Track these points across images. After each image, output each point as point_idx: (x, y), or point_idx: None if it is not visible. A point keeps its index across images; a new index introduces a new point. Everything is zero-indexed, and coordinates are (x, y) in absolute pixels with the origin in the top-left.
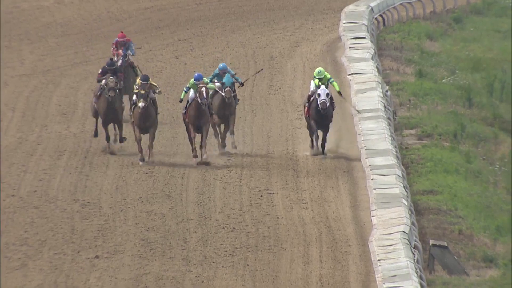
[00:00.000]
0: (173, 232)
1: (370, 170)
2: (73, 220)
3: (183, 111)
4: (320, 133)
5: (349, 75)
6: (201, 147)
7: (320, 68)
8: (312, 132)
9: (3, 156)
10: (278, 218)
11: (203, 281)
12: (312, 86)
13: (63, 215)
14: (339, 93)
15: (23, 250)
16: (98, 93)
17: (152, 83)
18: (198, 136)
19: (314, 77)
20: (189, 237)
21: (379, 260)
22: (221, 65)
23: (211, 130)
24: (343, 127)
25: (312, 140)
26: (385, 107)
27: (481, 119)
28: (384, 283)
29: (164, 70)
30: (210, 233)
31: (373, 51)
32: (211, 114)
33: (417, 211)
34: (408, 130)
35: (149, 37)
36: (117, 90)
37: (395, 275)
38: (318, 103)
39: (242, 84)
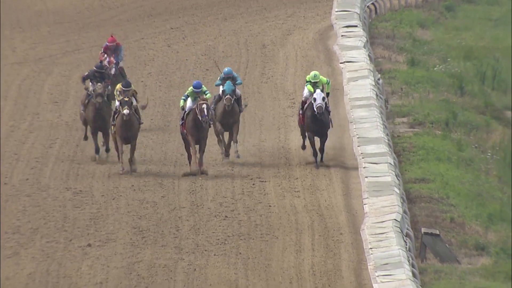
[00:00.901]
0: (165, 220)
1: (362, 158)
2: (65, 208)
3: (180, 122)
4: (317, 140)
5: (341, 63)
6: (199, 163)
7: (316, 72)
8: (311, 143)
9: None
10: (270, 206)
11: (195, 269)
12: (306, 92)
13: (55, 203)
14: (327, 94)
15: (15, 238)
16: (86, 101)
17: (134, 89)
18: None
19: (308, 81)
20: (181, 225)
21: (371, 248)
22: (226, 70)
23: (210, 140)
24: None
25: (304, 142)
26: (377, 95)
27: (473, 107)
28: (376, 271)
29: (156, 58)
30: (202, 221)
31: (365, 39)
32: (214, 123)
33: (409, 199)
34: (400, 118)
35: (141, 25)
36: (105, 97)
37: (387, 263)
38: (314, 107)
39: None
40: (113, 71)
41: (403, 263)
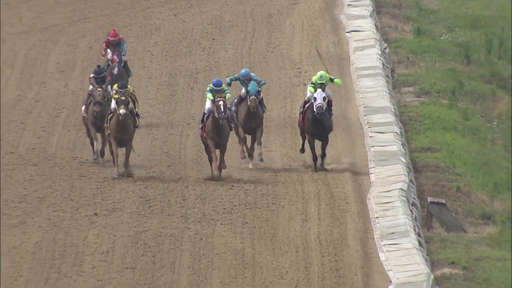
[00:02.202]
0: (171, 189)
1: (368, 127)
2: (71, 178)
3: (200, 126)
4: (318, 144)
5: (347, 32)
6: (219, 167)
7: (322, 72)
8: (311, 146)
9: (2, 113)
10: (276, 175)
11: (201, 238)
12: (308, 93)
13: (62, 173)
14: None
15: (22, 207)
16: (88, 102)
17: (131, 90)
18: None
19: (313, 83)
20: (188, 194)
21: (377, 217)
22: (243, 71)
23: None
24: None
25: (303, 144)
26: (383, 64)
27: (479, 76)
28: (382, 240)
29: (163, 27)
30: (209, 190)
31: (372, 8)
32: (231, 127)
33: (415, 168)
34: (407, 87)
35: None
36: (104, 104)
37: (393, 232)
38: (314, 107)
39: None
40: (115, 70)
41: (409, 232)
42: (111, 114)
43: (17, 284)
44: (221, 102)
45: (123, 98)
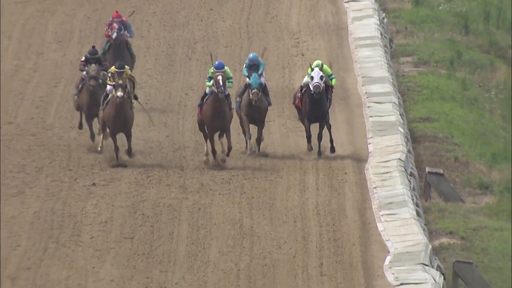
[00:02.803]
0: (169, 159)
1: (367, 97)
2: (70, 148)
3: (198, 103)
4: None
5: (345, 2)
6: (222, 151)
7: (319, 61)
8: (307, 129)
9: (1, 83)
10: (274, 145)
11: (199, 208)
12: (305, 80)
13: (60, 143)
14: (332, 86)
15: (21, 177)
16: (80, 86)
17: (129, 72)
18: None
19: (310, 74)
20: (186, 164)
21: (375, 187)
22: (251, 55)
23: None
24: (339, 55)
25: (308, 136)
26: (381, 34)
27: (477, 46)
28: (380, 210)
29: None
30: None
31: None
32: (231, 108)
33: (413, 138)
34: (405, 57)
35: None
36: (99, 80)
37: (391, 202)
38: (311, 86)
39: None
40: (114, 35)
41: (407, 202)
42: (108, 99)
43: (15, 254)
44: (220, 77)
45: (120, 82)
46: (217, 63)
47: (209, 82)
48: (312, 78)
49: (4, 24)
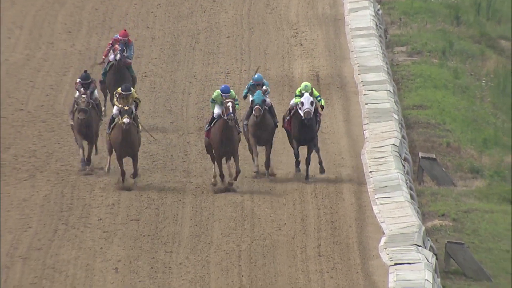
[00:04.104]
0: (174, 145)
1: (363, 85)
2: None
3: (206, 127)
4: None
5: None
6: (230, 174)
7: (307, 83)
8: (295, 152)
9: (12, 72)
10: (275, 131)
11: (203, 191)
12: (292, 101)
13: (69, 129)
14: (322, 107)
15: (32, 161)
16: (74, 109)
17: (135, 95)
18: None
19: (298, 95)
20: (190, 150)
21: (370, 171)
22: (256, 76)
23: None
24: (336, 45)
25: (297, 161)
26: (377, 25)
27: (468, 36)
28: (375, 194)
29: None
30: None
31: None
32: (239, 132)
33: (407, 125)
34: (399, 47)
35: None
36: (88, 111)
37: (386, 186)
38: (301, 112)
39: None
40: (118, 56)
41: (402, 186)
42: (114, 123)
43: (27, 235)
44: (229, 104)
45: (126, 108)
46: (223, 86)
47: (213, 104)
48: (302, 104)
49: (16, 15)
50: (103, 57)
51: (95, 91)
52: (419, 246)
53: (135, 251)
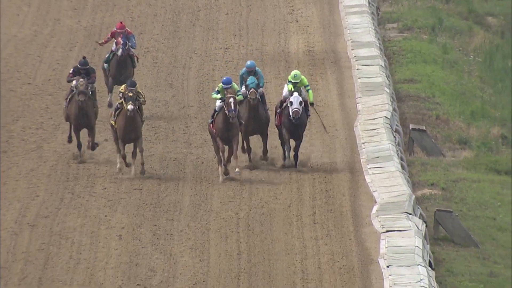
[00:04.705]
0: (175, 117)
1: (356, 60)
2: None
3: (210, 120)
4: (292, 142)
5: None
6: (228, 160)
7: (297, 71)
8: (284, 142)
9: (20, 47)
10: (271, 104)
11: (202, 162)
12: (285, 91)
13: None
14: (311, 104)
15: (39, 133)
16: (70, 97)
17: (139, 90)
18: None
19: (289, 81)
20: (190, 122)
21: (363, 143)
22: (248, 63)
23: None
24: (331, 22)
25: (284, 151)
26: (369, 2)
27: (457, 13)
28: (368, 164)
29: None
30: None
31: None
32: (241, 123)
33: (398, 98)
34: (391, 24)
35: None
36: (88, 94)
37: (378, 157)
38: (290, 112)
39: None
40: (119, 52)
41: (393, 157)
42: (118, 110)
43: (34, 203)
44: (231, 100)
45: (130, 94)
46: (224, 78)
47: (217, 95)
48: (291, 103)
49: None
50: (103, 41)
51: (94, 83)
52: (410, 214)
53: (138, 219)
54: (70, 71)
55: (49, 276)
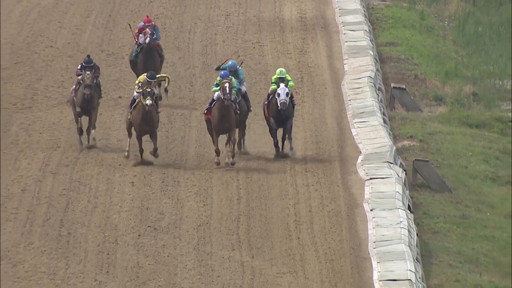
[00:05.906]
0: (181, 77)
1: (343, 26)
2: (100, 66)
3: (206, 107)
4: (280, 133)
5: None
6: (227, 145)
7: (282, 69)
8: (273, 134)
9: (43, 14)
10: (267, 65)
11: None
12: (270, 90)
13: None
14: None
15: (60, 91)
16: (77, 87)
17: (160, 76)
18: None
19: (273, 82)
20: (195, 81)
21: (349, 100)
22: (230, 62)
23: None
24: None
25: (275, 142)
26: None
27: None
28: (354, 119)
29: None
30: (212, 78)
31: None
32: (236, 113)
33: (381, 59)
34: None
35: None
36: (93, 87)
37: (363, 112)
38: (278, 103)
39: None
40: (147, 40)
41: (376, 112)
42: (135, 104)
43: (56, 153)
44: (226, 84)
45: (148, 89)
46: (223, 72)
47: (216, 88)
48: (279, 95)
49: None
50: (135, 40)
51: (99, 77)
52: (391, 163)
53: (149, 168)
54: (78, 67)
55: (70, 218)
